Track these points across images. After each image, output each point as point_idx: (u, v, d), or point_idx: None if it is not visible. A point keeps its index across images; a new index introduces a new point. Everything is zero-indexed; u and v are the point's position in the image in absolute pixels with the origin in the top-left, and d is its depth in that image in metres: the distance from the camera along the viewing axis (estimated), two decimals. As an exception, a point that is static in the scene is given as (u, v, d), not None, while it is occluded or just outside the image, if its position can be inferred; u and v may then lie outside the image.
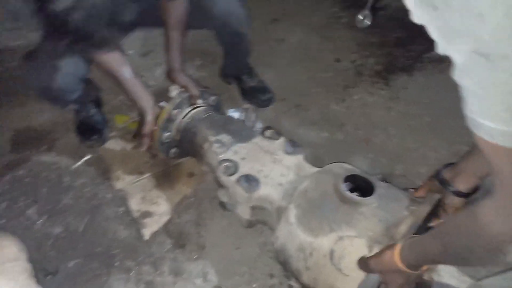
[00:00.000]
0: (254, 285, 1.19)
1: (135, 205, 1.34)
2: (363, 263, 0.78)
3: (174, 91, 1.31)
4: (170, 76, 1.34)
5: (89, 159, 1.47)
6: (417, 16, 0.46)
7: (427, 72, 1.94)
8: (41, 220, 1.30)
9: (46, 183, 1.40)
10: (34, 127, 1.61)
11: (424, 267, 0.72)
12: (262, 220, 1.12)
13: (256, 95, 1.70)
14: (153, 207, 1.34)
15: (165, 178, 1.43)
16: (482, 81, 0.43)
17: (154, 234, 1.28)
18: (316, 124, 1.69)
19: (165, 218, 1.31)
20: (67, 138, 1.58)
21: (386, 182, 1.36)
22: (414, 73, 1.94)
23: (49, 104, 1.39)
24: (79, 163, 1.46)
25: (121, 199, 1.36)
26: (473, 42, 0.41)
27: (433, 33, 0.46)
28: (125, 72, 1.17)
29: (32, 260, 1.18)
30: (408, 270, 0.68)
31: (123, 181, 1.40)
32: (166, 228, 1.30)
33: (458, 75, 0.46)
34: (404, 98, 1.81)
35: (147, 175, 1.43)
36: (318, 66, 1.97)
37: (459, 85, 0.47)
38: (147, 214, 1.32)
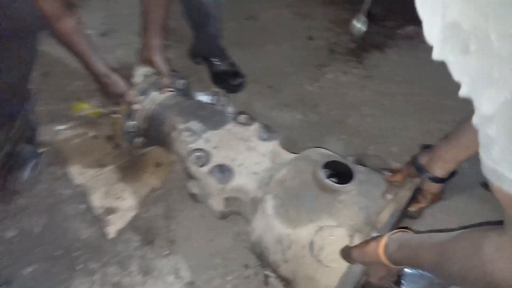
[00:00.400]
0: (229, 278, 1.13)
1: (97, 201, 1.23)
2: (346, 253, 0.74)
3: (139, 74, 1.19)
4: (145, 56, 1.21)
5: (43, 152, 1.33)
6: (440, 53, 0.42)
7: (399, 49, 1.90)
8: (-10, 224, 1.17)
9: (-5, 182, 1.26)
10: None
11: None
12: (237, 211, 1.05)
13: (227, 80, 1.60)
14: (118, 202, 1.24)
15: (130, 169, 1.33)
16: None
17: (120, 232, 1.18)
18: (289, 106, 1.62)
19: (131, 214, 1.22)
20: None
21: (362, 165, 1.34)
22: (387, 50, 1.90)
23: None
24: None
25: (82, 195, 1.25)
26: (510, 93, 0.36)
27: (456, 74, 0.42)
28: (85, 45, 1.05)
29: (-19, 268, 1.07)
30: (391, 265, 0.64)
31: (83, 176, 1.28)
32: (132, 224, 1.20)
33: (481, 122, 0.42)
34: (377, 77, 1.77)
35: (110, 167, 1.32)
36: (291, 45, 1.88)
37: (477, 129, 0.42)
38: (111, 210, 1.22)
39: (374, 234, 0.71)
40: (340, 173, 0.89)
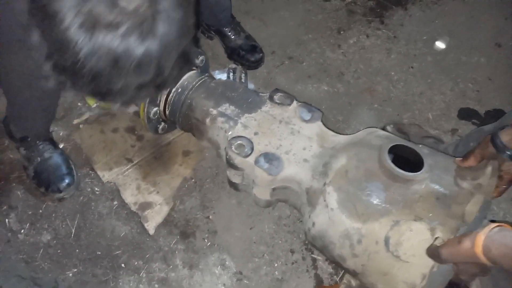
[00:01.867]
0: (276, 264, 1.11)
1: (130, 197, 1.19)
2: (433, 253, 0.69)
3: None
4: None
5: (63, 149, 1.26)
6: None
7: (422, 4, 1.77)
8: (23, 230, 1.13)
9: (20, 185, 1.21)
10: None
11: None
12: (284, 199, 1.00)
13: (244, 56, 1.49)
14: (151, 196, 1.19)
15: (158, 161, 1.27)
16: None
17: (158, 227, 1.15)
18: (313, 77, 1.53)
19: (166, 207, 1.18)
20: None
21: (402, 133, 1.27)
22: (410, 6, 1.77)
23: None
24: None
25: (112, 192, 1.20)
26: None
27: None
28: None
29: (24, 277, 1.04)
30: (490, 264, 0.60)
31: (111, 172, 1.23)
32: (170, 218, 1.17)
33: None
34: (402, 37, 1.66)
35: (137, 161, 1.26)
36: (306, 9, 1.75)
37: None
38: (146, 206, 1.18)
39: (463, 229, 0.66)
40: (400, 156, 0.83)
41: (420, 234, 0.71)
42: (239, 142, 0.96)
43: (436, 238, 0.71)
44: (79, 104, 1.38)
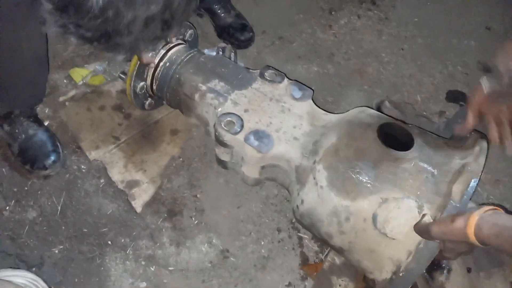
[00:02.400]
0: (262, 243, 1.13)
1: (117, 175, 1.18)
2: (423, 229, 0.70)
3: None
4: None
5: (49, 126, 1.24)
6: None
7: (415, -15, 1.75)
8: (9, 207, 1.11)
9: (5, 162, 1.19)
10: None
11: None
12: (272, 177, 1.00)
13: (234, 35, 1.47)
14: (139, 174, 1.18)
15: (145, 139, 1.25)
16: None
17: (146, 205, 1.15)
18: (303, 58, 1.51)
19: (154, 185, 1.18)
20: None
21: (398, 110, 1.28)
22: (402, -12, 1.75)
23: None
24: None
25: (99, 170, 1.19)
26: None
27: None
28: None
29: (9, 253, 1.04)
30: (479, 245, 0.61)
31: (97, 150, 1.21)
32: (157, 196, 1.16)
33: None
34: (394, 19, 1.65)
35: (124, 139, 1.24)
36: (298, -12, 1.72)
37: None
38: (133, 184, 1.17)
39: (451, 206, 0.67)
40: (391, 135, 0.83)
41: (408, 211, 0.72)
42: (228, 119, 0.95)
43: (424, 215, 0.72)
44: (64, 81, 1.35)
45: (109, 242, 1.09)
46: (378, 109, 1.31)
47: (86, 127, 1.25)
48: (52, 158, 1.14)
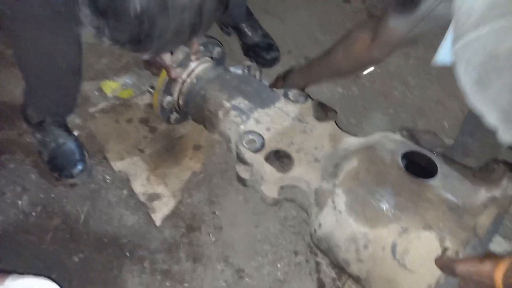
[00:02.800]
0: (279, 265, 1.11)
1: (139, 187, 1.20)
2: (446, 264, 0.67)
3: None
4: None
5: (78, 136, 1.28)
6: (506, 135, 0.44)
7: (445, 9, 1.74)
8: (35, 212, 1.15)
9: (35, 168, 1.24)
10: (10, 103, 1.39)
11: None
12: (291, 198, 0.99)
13: (260, 54, 1.49)
14: (160, 188, 1.20)
15: (169, 154, 1.28)
16: None
17: (165, 219, 1.16)
18: (328, 79, 1.51)
19: (175, 200, 1.19)
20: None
21: (415, 140, 1.25)
22: (432, 11, 1.73)
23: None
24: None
25: (123, 181, 1.22)
26: None
27: None
28: None
29: (30, 259, 1.07)
30: None
31: (122, 161, 1.24)
32: (177, 211, 1.18)
33: None
34: (421, 42, 1.63)
35: (148, 152, 1.27)
36: (325, 9, 1.74)
37: None
38: (154, 197, 1.19)
39: (474, 242, 0.64)
40: (414, 162, 0.81)
41: (429, 243, 0.70)
42: (250, 137, 0.96)
43: (446, 249, 0.70)
44: (95, 93, 1.41)
45: (127, 254, 1.11)
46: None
47: (113, 138, 1.28)
48: (79, 167, 1.18)
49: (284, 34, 1.63)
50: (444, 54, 0.47)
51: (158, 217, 1.15)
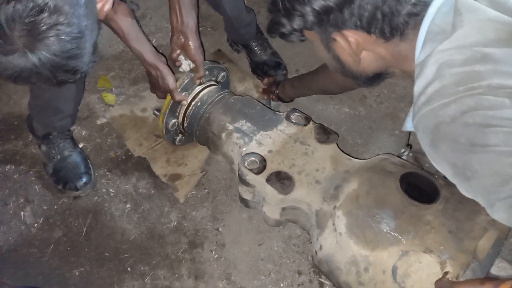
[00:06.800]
0: (282, 284, 1.09)
1: (160, 169, 1.25)
2: (446, 287, 0.66)
3: (186, 64, 1.11)
4: (177, 42, 1.05)
5: (83, 148, 1.29)
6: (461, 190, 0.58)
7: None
8: (37, 224, 1.15)
9: (39, 180, 1.24)
10: (17, 113, 1.40)
11: None
12: (293, 220, 0.99)
13: (268, 72, 1.51)
14: (180, 168, 1.26)
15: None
16: None
17: (168, 233, 1.15)
18: (335, 98, 1.52)
19: (195, 178, 1.24)
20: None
21: (419, 163, 1.24)
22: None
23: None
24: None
25: (126, 194, 1.21)
26: None
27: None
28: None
29: (31, 272, 1.06)
30: None
31: (141, 147, 1.30)
32: (180, 226, 1.16)
33: None
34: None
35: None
36: (333, 31, 1.76)
37: None
38: (175, 177, 1.24)
39: (475, 265, 0.63)
40: (415, 184, 0.81)
41: (429, 267, 0.69)
42: (252, 158, 0.96)
43: (446, 272, 0.69)
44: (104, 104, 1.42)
45: (129, 269, 1.09)
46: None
47: (130, 127, 1.34)
48: (84, 180, 1.18)
49: (293, 54, 1.64)
50: (409, 124, 0.68)
51: (181, 195, 1.20)
